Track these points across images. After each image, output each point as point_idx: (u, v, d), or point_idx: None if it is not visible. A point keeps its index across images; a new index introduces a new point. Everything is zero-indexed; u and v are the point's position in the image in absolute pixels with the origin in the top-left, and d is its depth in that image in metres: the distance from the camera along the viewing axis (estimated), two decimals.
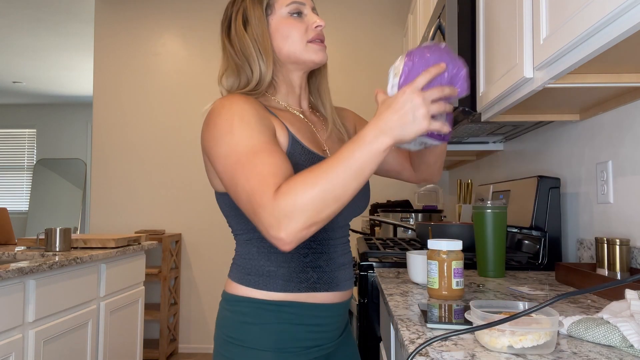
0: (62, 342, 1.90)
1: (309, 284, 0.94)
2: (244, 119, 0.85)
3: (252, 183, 0.79)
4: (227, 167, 0.83)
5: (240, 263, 0.96)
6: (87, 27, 4.41)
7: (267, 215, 0.76)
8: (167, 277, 3.39)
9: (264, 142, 0.83)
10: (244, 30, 0.97)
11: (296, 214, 0.74)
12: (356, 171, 0.76)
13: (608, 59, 0.91)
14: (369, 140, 0.76)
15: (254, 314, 0.91)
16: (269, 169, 0.79)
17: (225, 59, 1.01)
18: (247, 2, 0.98)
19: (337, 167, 0.76)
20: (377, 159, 0.77)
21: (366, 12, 3.71)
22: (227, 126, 0.85)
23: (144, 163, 3.77)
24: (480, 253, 1.30)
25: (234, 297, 0.94)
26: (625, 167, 1.23)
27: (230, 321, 0.93)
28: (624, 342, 0.66)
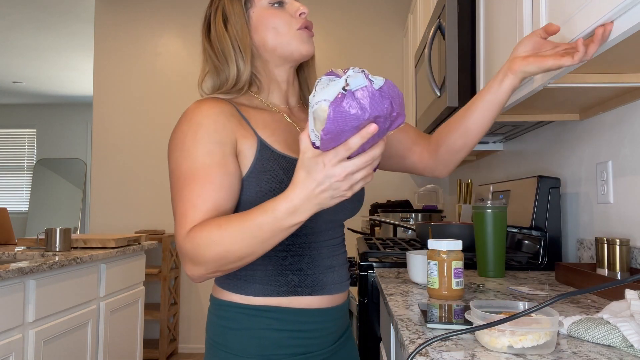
0: (62, 342, 1.90)
1: (289, 288, 0.89)
2: (196, 135, 0.83)
3: (178, 211, 0.81)
4: (171, 182, 0.85)
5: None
6: (87, 27, 4.41)
7: (179, 249, 0.79)
8: (167, 277, 3.39)
9: (205, 166, 0.81)
10: (224, 29, 0.93)
11: (200, 263, 0.76)
12: (262, 241, 0.74)
13: (608, 59, 0.91)
14: (282, 217, 0.71)
15: (236, 319, 0.89)
16: (194, 201, 0.80)
17: (205, 61, 0.97)
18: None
19: (243, 232, 0.73)
20: (285, 233, 0.74)
21: (366, 12, 3.71)
22: (179, 141, 0.84)
23: (144, 163, 3.77)
24: (480, 253, 1.30)
25: (217, 300, 0.92)
26: (625, 167, 1.23)
27: (215, 326, 0.91)
28: (624, 342, 0.66)
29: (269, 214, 0.72)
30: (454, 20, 1.46)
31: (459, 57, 1.46)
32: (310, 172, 0.68)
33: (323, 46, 3.71)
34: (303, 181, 0.69)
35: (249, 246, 0.74)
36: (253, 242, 0.74)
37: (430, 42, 1.65)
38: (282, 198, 0.71)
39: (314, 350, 0.92)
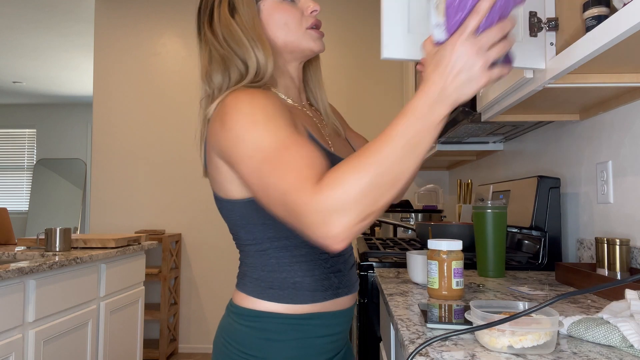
0: (62, 342, 1.90)
1: (333, 291, 0.87)
2: (267, 111, 0.75)
3: (287, 180, 0.68)
4: (253, 168, 0.72)
5: (258, 276, 0.86)
6: (87, 27, 4.41)
7: (310, 214, 0.65)
8: (167, 277, 3.39)
9: (292, 134, 0.72)
10: (230, 18, 0.87)
11: (348, 206, 0.63)
12: (412, 149, 0.65)
13: (608, 59, 0.91)
14: (423, 113, 0.65)
15: (279, 330, 0.84)
16: (304, 162, 0.68)
17: (206, 52, 0.90)
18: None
19: (390, 147, 0.65)
20: (434, 132, 0.66)
21: (366, 12, 3.71)
22: (248, 122, 0.74)
23: (144, 163, 3.77)
24: (480, 253, 1.29)
25: (253, 312, 0.85)
26: (625, 167, 1.23)
27: (249, 337, 0.84)
28: (624, 342, 0.66)
29: (410, 115, 0.65)
30: None
31: None
32: (439, 61, 0.65)
33: None
34: (434, 71, 0.66)
35: (401, 161, 0.65)
36: (403, 154, 0.65)
37: None
38: (417, 96, 0.66)
39: (339, 351, 0.93)
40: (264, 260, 0.86)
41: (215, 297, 3.68)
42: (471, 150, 2.23)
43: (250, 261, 0.88)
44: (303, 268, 0.85)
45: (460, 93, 0.65)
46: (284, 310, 0.84)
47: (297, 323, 0.84)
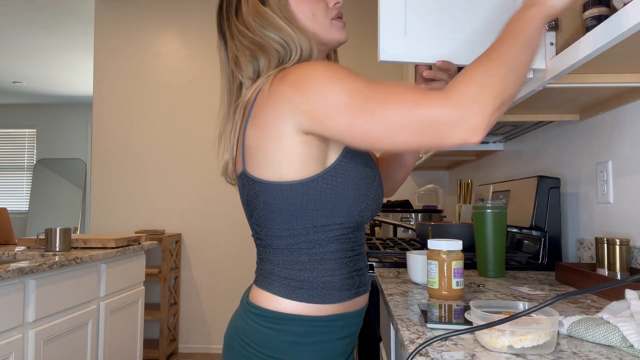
0: (62, 342, 1.90)
1: (355, 290, 0.87)
2: (341, 67, 0.75)
3: (410, 98, 0.67)
4: (358, 109, 0.70)
5: (286, 274, 0.83)
6: (87, 27, 4.41)
7: (449, 112, 0.65)
8: (167, 277, 3.39)
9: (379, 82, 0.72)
10: (262, 6, 0.87)
11: (486, 93, 0.66)
12: (524, 44, 0.71)
13: (608, 59, 0.91)
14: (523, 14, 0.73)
15: (307, 333, 0.82)
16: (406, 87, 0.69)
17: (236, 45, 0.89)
18: None
19: (507, 44, 0.70)
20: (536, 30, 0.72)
21: (366, 12, 3.71)
22: (333, 75, 0.73)
23: (144, 163, 3.77)
24: (480, 253, 1.30)
25: (279, 314, 0.82)
26: (625, 167, 1.23)
27: (275, 341, 0.82)
28: (624, 342, 0.66)
29: (514, 18, 0.73)
30: None
31: None
32: None
33: None
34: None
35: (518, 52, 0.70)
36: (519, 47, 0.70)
37: None
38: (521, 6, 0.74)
39: (352, 350, 0.92)
40: (294, 257, 0.83)
41: (215, 297, 3.68)
42: (471, 150, 2.23)
43: (278, 258, 0.85)
44: (332, 267, 0.84)
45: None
46: (312, 311, 0.82)
47: (324, 325, 0.83)
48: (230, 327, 0.89)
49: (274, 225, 0.84)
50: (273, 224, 0.84)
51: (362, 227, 0.89)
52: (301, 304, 0.82)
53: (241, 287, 3.67)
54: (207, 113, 3.75)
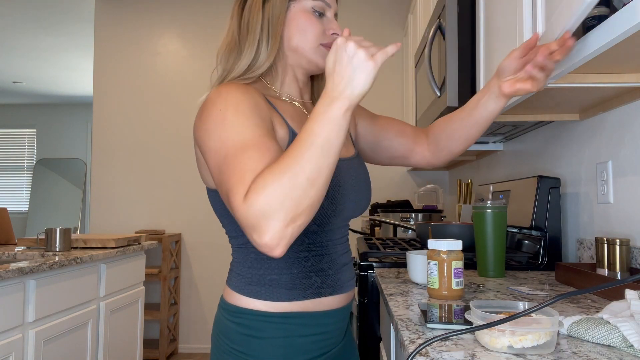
0: (62, 342, 1.90)
1: (314, 290, 0.88)
2: (238, 109, 0.78)
3: (231, 182, 0.70)
4: (216, 162, 0.75)
5: (240, 271, 0.89)
6: (87, 27, 4.41)
7: (243, 219, 0.67)
8: (167, 277, 3.39)
9: (257, 136, 0.75)
10: (261, 6, 0.90)
11: (273, 210, 0.65)
12: (322, 146, 0.68)
13: (608, 59, 0.91)
14: (323, 110, 0.70)
15: (259, 328, 0.85)
16: (251, 166, 0.70)
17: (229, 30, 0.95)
18: None
19: (301, 148, 0.68)
20: (339, 127, 0.69)
21: (366, 12, 3.71)
22: (220, 118, 0.77)
23: (143, 163, 3.77)
24: (480, 253, 1.30)
25: (236, 308, 0.87)
26: (625, 167, 1.23)
27: (233, 333, 0.87)
28: (624, 342, 0.66)
29: (314, 117, 0.70)
30: (454, 20, 1.46)
31: (459, 57, 1.46)
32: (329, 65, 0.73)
33: None
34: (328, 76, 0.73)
35: (314, 159, 0.67)
36: (315, 153, 0.68)
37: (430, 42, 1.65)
38: (319, 100, 0.72)
39: (328, 350, 0.93)
40: (245, 255, 0.89)
41: (215, 297, 3.68)
42: (471, 150, 2.23)
43: (235, 255, 0.91)
44: (280, 265, 0.86)
45: (352, 85, 0.70)
46: (264, 307, 0.86)
47: (277, 321, 0.85)
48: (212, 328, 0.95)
49: (227, 227, 0.91)
50: (226, 225, 0.91)
51: (323, 229, 0.90)
52: (252, 299, 0.86)
53: None
54: None
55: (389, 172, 3.64)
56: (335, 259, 0.93)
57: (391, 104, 3.65)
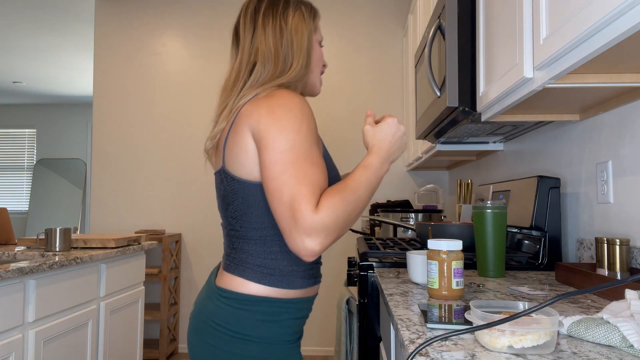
0: (62, 342, 1.90)
1: (313, 279, 1.01)
2: (310, 125, 0.91)
3: (302, 189, 0.84)
4: (282, 161, 0.86)
5: (259, 262, 0.96)
6: (87, 26, 4.41)
7: (305, 225, 0.82)
8: (167, 277, 3.39)
9: (319, 156, 0.90)
10: (302, 25, 1.04)
11: (333, 229, 0.84)
12: (372, 191, 0.92)
13: (608, 59, 0.91)
14: (379, 166, 0.94)
15: (275, 313, 0.95)
16: (319, 181, 0.86)
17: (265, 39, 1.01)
18: (305, 10, 1.07)
19: (360, 188, 0.89)
20: (380, 180, 0.95)
21: (366, 12, 3.71)
22: (296, 124, 0.89)
23: (144, 163, 3.77)
24: (480, 253, 1.29)
25: (251, 297, 0.94)
26: (625, 167, 1.23)
27: (246, 320, 0.93)
28: (624, 342, 0.66)
29: (369, 169, 0.93)
30: (454, 20, 1.46)
31: (459, 57, 1.46)
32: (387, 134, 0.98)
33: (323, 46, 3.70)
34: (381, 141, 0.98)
35: (365, 199, 0.90)
36: (367, 195, 0.91)
37: (430, 42, 1.65)
38: (371, 157, 0.95)
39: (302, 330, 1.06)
40: (267, 248, 0.96)
41: None
42: (471, 150, 2.23)
43: (252, 248, 0.97)
44: (298, 257, 0.95)
45: (397, 154, 0.99)
46: (279, 295, 0.96)
47: (288, 306, 0.96)
48: (199, 312, 0.99)
49: (251, 219, 0.96)
50: (250, 217, 0.96)
51: None
52: (270, 288, 0.95)
53: None
54: (207, 113, 3.75)
55: (389, 172, 3.64)
56: None
57: (391, 104, 3.65)
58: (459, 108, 1.46)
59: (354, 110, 3.67)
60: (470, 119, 1.54)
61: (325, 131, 3.68)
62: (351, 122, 3.66)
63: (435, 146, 2.25)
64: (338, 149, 3.66)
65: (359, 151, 3.63)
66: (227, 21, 3.78)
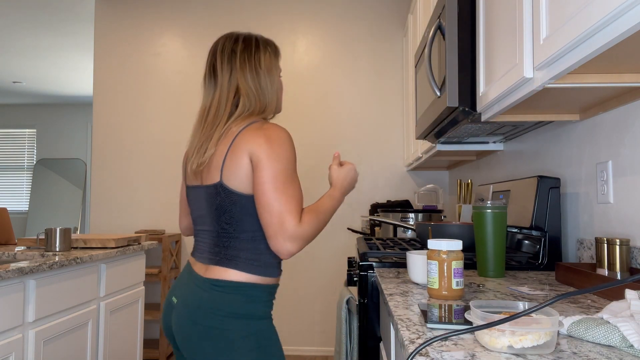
0: (62, 342, 1.90)
1: (281, 270, 1.27)
2: (294, 154, 1.20)
3: (291, 205, 1.12)
4: (277, 179, 1.13)
5: (250, 257, 1.20)
6: (87, 26, 4.41)
7: (290, 233, 1.11)
8: (167, 277, 3.39)
9: (297, 178, 1.20)
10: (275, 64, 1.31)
11: (308, 238, 1.14)
12: (332, 215, 1.25)
13: (608, 59, 0.91)
14: (338, 198, 1.26)
15: (258, 295, 1.19)
16: (299, 198, 1.16)
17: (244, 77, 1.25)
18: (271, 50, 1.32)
19: (326, 211, 1.20)
20: (339, 205, 1.28)
21: (366, 12, 3.71)
22: (287, 154, 1.17)
23: (144, 163, 3.77)
24: (480, 253, 1.29)
25: (241, 283, 1.18)
26: (625, 167, 1.23)
27: (236, 302, 1.16)
28: (624, 342, 0.66)
29: (333, 199, 1.25)
30: (454, 20, 1.46)
31: (459, 57, 1.46)
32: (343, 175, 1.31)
33: (322, 46, 3.71)
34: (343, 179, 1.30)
35: (327, 219, 1.20)
36: (329, 217, 1.21)
37: (430, 42, 1.65)
38: (334, 190, 1.27)
39: None
40: (255, 245, 1.20)
41: None
42: (471, 150, 2.23)
43: (244, 246, 1.20)
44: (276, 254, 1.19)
45: (350, 191, 1.32)
46: (262, 281, 1.20)
47: (268, 290, 1.21)
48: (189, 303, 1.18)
49: (245, 223, 1.19)
50: (244, 222, 1.19)
51: None
52: (256, 276, 1.19)
53: None
54: None
55: (389, 173, 3.64)
56: None
57: (391, 104, 3.66)
58: (459, 108, 1.46)
59: (354, 110, 3.67)
60: (470, 119, 1.54)
61: (326, 130, 3.68)
62: (351, 122, 3.66)
63: (435, 146, 2.25)
64: (338, 147, 3.67)
65: (359, 150, 3.64)
66: (227, 21, 3.78)
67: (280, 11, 3.76)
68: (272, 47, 1.33)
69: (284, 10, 3.76)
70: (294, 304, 3.63)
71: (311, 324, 3.61)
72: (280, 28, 3.75)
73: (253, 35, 1.32)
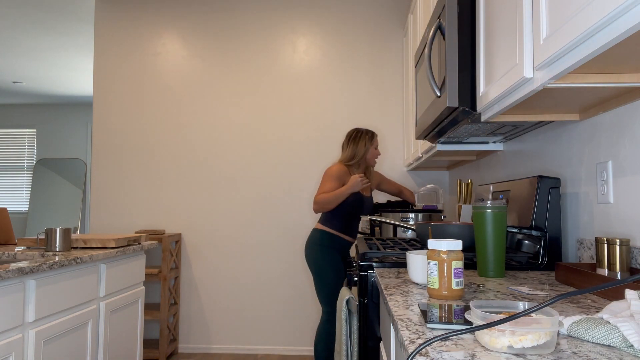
0: (62, 342, 1.90)
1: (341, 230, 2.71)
2: (333, 175, 2.69)
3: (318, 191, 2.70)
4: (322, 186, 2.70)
5: (330, 219, 2.73)
6: (87, 27, 4.41)
7: (315, 202, 2.66)
8: (167, 277, 3.39)
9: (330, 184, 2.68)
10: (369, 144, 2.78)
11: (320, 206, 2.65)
12: (337, 197, 2.63)
13: (608, 59, 0.91)
14: (344, 192, 2.62)
15: (329, 236, 2.71)
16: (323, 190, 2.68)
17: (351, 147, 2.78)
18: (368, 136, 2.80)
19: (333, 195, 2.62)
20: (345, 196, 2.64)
21: (366, 12, 3.71)
22: (328, 176, 2.70)
23: (143, 163, 3.77)
24: (480, 253, 1.30)
25: (326, 231, 2.71)
26: (625, 167, 1.23)
27: (321, 238, 2.71)
28: (624, 342, 0.66)
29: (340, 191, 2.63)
30: (454, 20, 1.46)
31: (459, 57, 1.46)
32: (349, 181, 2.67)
33: (322, 46, 3.71)
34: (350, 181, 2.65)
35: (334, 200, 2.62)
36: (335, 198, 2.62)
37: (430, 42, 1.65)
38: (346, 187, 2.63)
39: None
40: (334, 216, 2.73)
41: (215, 297, 3.68)
42: (471, 150, 2.23)
43: (329, 216, 2.74)
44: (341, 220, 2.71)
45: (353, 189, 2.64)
46: (332, 231, 2.72)
47: (333, 236, 2.72)
48: (308, 241, 2.79)
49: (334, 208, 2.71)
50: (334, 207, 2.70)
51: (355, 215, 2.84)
52: (329, 229, 2.74)
53: (241, 286, 3.67)
54: (207, 113, 3.75)
55: (389, 173, 3.64)
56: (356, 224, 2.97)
57: (392, 104, 3.66)
58: (459, 108, 1.46)
59: (354, 111, 3.67)
60: (470, 119, 1.54)
61: (326, 130, 3.68)
62: (351, 122, 3.66)
63: (435, 146, 2.25)
64: (338, 147, 3.67)
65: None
66: (227, 21, 3.78)
67: (280, 11, 3.76)
68: (369, 134, 2.82)
69: (284, 10, 3.76)
70: (294, 303, 3.63)
71: (311, 323, 3.62)
72: (280, 28, 3.75)
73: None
